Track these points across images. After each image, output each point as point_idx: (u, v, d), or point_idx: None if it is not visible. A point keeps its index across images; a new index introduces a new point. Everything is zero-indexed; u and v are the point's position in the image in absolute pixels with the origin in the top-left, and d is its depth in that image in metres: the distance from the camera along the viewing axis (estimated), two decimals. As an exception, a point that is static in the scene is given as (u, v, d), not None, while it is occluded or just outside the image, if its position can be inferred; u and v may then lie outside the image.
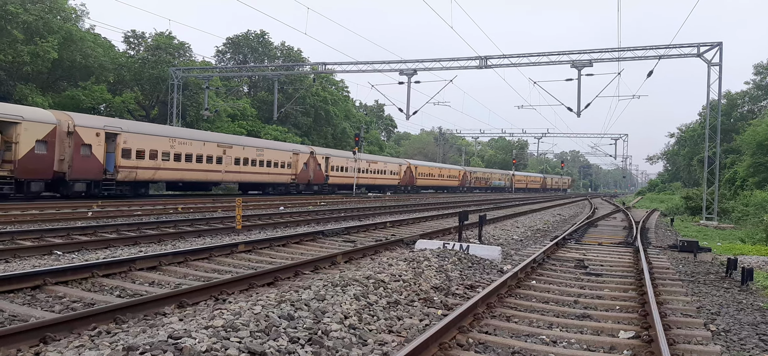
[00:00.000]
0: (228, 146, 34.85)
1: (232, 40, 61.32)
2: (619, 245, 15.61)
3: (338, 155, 49.19)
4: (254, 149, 37.46)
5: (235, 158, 35.44)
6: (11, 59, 34.32)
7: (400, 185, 60.14)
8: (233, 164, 35.24)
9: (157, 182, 32.37)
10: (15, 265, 9.08)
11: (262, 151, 38.21)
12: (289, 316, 5.76)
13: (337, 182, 47.75)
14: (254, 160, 37.27)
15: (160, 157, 29.90)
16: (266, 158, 38.43)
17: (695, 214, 32.28)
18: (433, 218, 22.53)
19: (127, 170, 27.96)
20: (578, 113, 32.48)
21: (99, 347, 4.68)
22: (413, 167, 64.09)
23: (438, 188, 71.90)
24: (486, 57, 33.39)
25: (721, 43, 28.03)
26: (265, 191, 39.49)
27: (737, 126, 51.46)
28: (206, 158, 33.26)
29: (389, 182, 58.06)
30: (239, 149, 35.94)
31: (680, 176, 76.55)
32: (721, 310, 8.14)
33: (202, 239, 13.31)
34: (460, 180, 77.57)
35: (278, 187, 40.59)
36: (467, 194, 71.94)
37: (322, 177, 45.16)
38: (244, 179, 37.02)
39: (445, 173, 73.63)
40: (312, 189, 44.02)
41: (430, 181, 69.21)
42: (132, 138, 28.25)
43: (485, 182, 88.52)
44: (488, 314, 7.06)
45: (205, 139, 33.87)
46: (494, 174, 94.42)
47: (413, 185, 63.37)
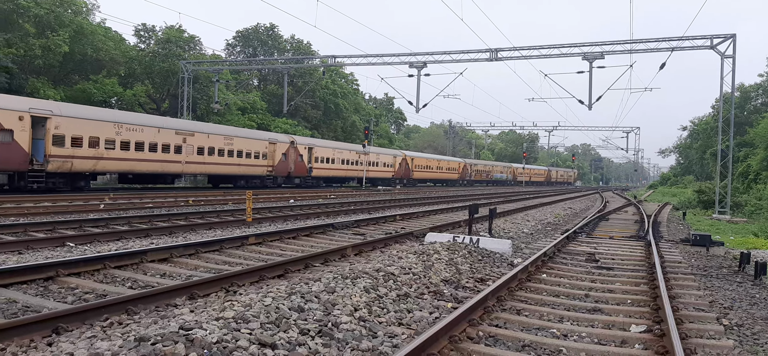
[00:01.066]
0: (188, 134, 31.33)
1: (241, 33, 61.44)
2: (630, 239, 15.51)
3: (323, 145, 45.99)
4: (222, 137, 33.89)
5: (198, 148, 31.92)
6: (23, 53, 34.60)
7: (395, 178, 57.22)
8: (195, 154, 31.70)
9: (100, 173, 29.29)
10: (28, 256, 9.16)
11: (231, 139, 34.52)
12: (299, 308, 5.77)
13: (321, 175, 44.82)
14: (222, 150, 33.67)
15: (102, 145, 26.46)
16: (237, 148, 34.85)
17: (708, 208, 32.02)
18: (443, 212, 22.49)
19: (61, 160, 24.44)
20: (589, 106, 32.28)
21: (111, 338, 4.71)
22: (409, 159, 61.19)
23: (436, 182, 69.53)
24: (496, 49, 33.22)
25: (734, 34, 27.72)
26: (236, 185, 36.18)
27: (751, 119, 50.92)
28: (162, 146, 29.80)
29: (382, 175, 54.72)
30: (203, 137, 32.36)
31: (693, 170, 75.92)
32: (733, 304, 8.07)
33: (212, 232, 13.37)
34: (460, 173, 74.78)
35: (252, 180, 37.10)
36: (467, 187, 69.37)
37: (305, 169, 41.91)
38: (210, 170, 33.61)
39: (443, 166, 70.55)
40: (293, 182, 41.19)
41: (428, 174, 66.51)
42: (66, 123, 24.59)
43: (486, 175, 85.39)
44: (498, 307, 7.04)
45: (160, 125, 30.39)
46: (495, 167, 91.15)
47: (409, 178, 60.68)
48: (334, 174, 46.35)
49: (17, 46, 34.40)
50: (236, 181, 36.24)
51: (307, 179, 42.53)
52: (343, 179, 49.72)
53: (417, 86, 34.90)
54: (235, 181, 36.29)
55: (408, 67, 34.63)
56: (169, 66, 44.73)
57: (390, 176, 56.19)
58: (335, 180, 48.30)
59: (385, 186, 52.46)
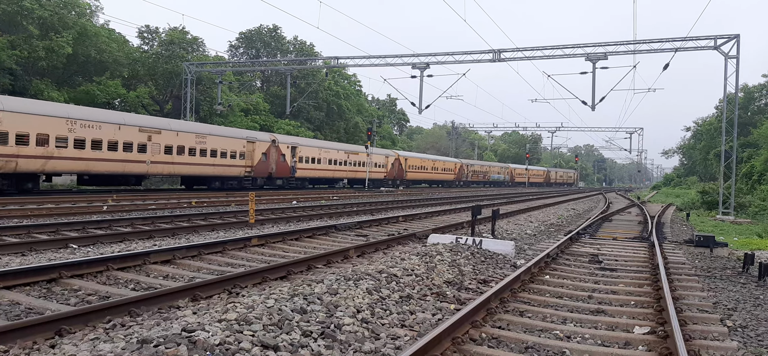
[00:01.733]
0: (154, 131, 28.73)
1: (244, 34, 61.53)
2: (633, 240, 15.47)
3: (308, 144, 42.95)
4: (193, 135, 31.18)
5: (166, 146, 29.42)
6: (27, 55, 34.69)
7: (387, 179, 54.31)
8: (163, 154, 29.21)
9: (51, 174, 26.41)
10: (31, 258, 9.18)
11: (204, 137, 31.85)
12: (302, 310, 5.76)
13: (306, 176, 41.91)
14: (193, 149, 31.07)
15: (52, 143, 24.08)
16: (210, 147, 32.21)
17: (711, 209, 31.91)
18: (445, 213, 22.48)
19: (3, 160, 22.43)
20: (593, 107, 32.21)
21: (114, 340, 4.72)
22: (402, 159, 58.56)
23: (431, 183, 67.34)
24: (499, 50, 33.19)
25: (738, 35, 27.62)
26: (210, 187, 33.65)
27: (754, 120, 50.81)
28: (123, 145, 27.27)
29: (374, 176, 51.67)
30: (170, 135, 29.74)
31: (696, 171, 75.75)
32: (737, 306, 8.03)
33: (215, 233, 13.38)
34: (455, 174, 72.47)
35: (228, 181, 34.51)
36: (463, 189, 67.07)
37: (288, 170, 39.16)
38: (180, 171, 31.09)
39: (439, 166, 68.18)
40: (274, 184, 38.61)
41: (423, 174, 64.05)
42: (10, 118, 22.55)
43: (483, 176, 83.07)
44: (501, 309, 7.02)
45: (121, 121, 27.58)
46: (492, 168, 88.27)
47: (403, 179, 58.08)
48: (321, 175, 43.92)
49: (21, 48, 34.50)
50: (210, 182, 33.72)
51: (290, 180, 40.15)
52: (331, 181, 47.41)
53: (420, 87, 34.88)
54: (209, 182, 33.77)
55: (411, 68, 34.63)
56: (173, 68, 44.82)
57: (382, 176, 53.58)
58: (322, 181, 46.05)
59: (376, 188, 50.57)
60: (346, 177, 48.27)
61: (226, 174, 33.99)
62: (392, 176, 55.53)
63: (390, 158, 55.55)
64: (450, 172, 70.89)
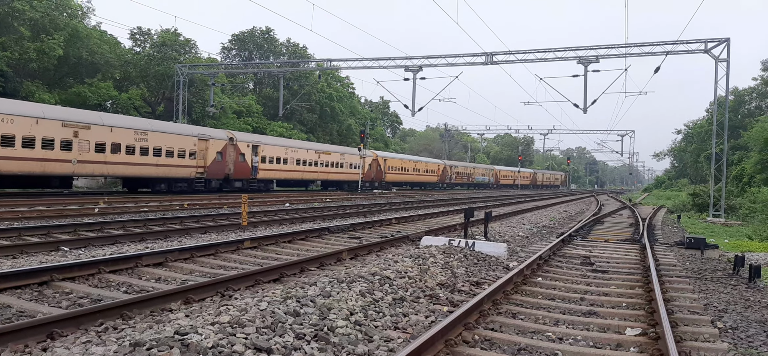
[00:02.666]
0: (82, 126, 25.31)
1: (237, 36, 61.45)
2: (625, 242, 15.55)
3: (273, 143, 39.78)
4: (131, 131, 27.95)
5: (98, 144, 26.19)
6: (18, 56, 34.51)
7: (364, 181, 50.98)
8: (93, 152, 25.92)
9: None
10: (22, 261, 9.12)
11: (144, 134, 28.60)
12: (295, 312, 5.76)
13: (270, 177, 38.93)
14: (132, 146, 27.90)
15: None
16: (153, 145, 29.07)
17: (702, 211, 32.12)
18: (439, 215, 22.52)
19: None
20: (584, 110, 32.37)
21: (106, 343, 4.70)
22: (381, 160, 55.36)
23: (413, 185, 64.33)
24: (492, 53, 33.31)
25: (728, 38, 27.86)
26: (155, 189, 30.33)
27: (745, 122, 51.18)
28: (42, 141, 24.03)
29: (348, 178, 48.97)
30: (102, 131, 26.46)
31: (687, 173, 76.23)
32: (728, 307, 8.10)
33: (208, 236, 13.34)
34: (439, 175, 69.86)
35: (177, 184, 31.11)
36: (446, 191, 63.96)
37: (248, 170, 36.00)
38: (115, 172, 27.89)
39: (421, 168, 65.23)
40: (232, 186, 35.11)
41: (403, 176, 60.94)
42: None
43: (468, 178, 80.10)
44: (494, 311, 7.05)
45: (40, 114, 24.27)
46: (477, 169, 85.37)
47: (381, 181, 54.95)
48: (288, 177, 40.91)
49: (12, 50, 34.32)
50: (154, 185, 30.35)
51: (251, 182, 36.73)
52: (300, 183, 44.34)
53: (413, 90, 34.96)
54: (153, 185, 30.42)
55: (404, 70, 34.71)
56: (165, 69, 44.69)
57: (358, 177, 50.17)
58: (289, 183, 43.29)
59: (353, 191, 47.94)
60: (317, 179, 45.45)
61: (173, 175, 30.67)
62: (369, 177, 52.41)
63: (367, 159, 52.13)
64: (433, 174, 68.53)
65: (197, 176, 32.27)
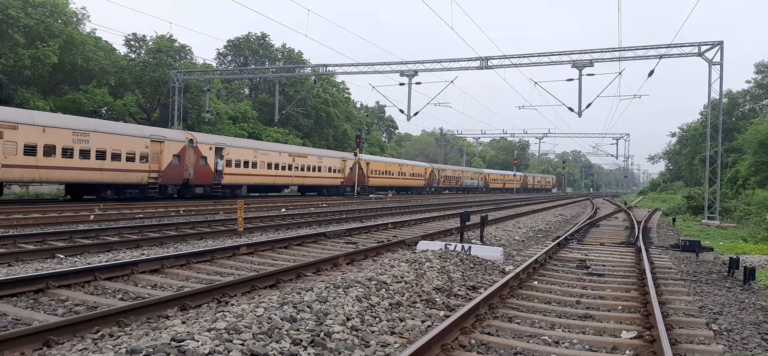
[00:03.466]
0: (7, 126, 22.45)
1: (233, 42, 61.41)
2: (621, 245, 15.60)
3: (240, 145, 36.73)
4: (69, 132, 24.93)
5: (27, 145, 23.14)
6: (12, 63, 34.41)
7: (344, 185, 48.38)
8: (22, 155, 22.99)
9: None
10: (18, 268, 9.10)
11: (85, 135, 25.47)
12: (291, 318, 5.77)
13: (237, 182, 35.86)
14: (70, 149, 24.84)
15: None
16: (96, 147, 26.01)
17: (697, 213, 32.24)
18: (435, 219, 22.55)
19: None
20: (579, 113, 32.47)
21: (102, 350, 4.70)
22: (363, 163, 52.31)
23: (399, 189, 61.45)
24: (487, 57, 33.40)
25: (721, 42, 28.00)
26: (100, 196, 27.32)
27: (739, 125, 51.44)
28: None
29: (328, 182, 46.20)
30: (33, 132, 23.36)
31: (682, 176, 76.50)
32: (723, 310, 8.14)
33: (204, 242, 13.33)
34: (426, 179, 67.27)
35: (127, 190, 28.23)
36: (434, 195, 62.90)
37: (211, 175, 32.91)
38: (50, 177, 24.85)
39: (407, 171, 62.49)
40: (192, 192, 32.09)
41: (388, 180, 58.04)
42: None
43: (456, 181, 77.46)
44: (490, 315, 7.07)
45: None
46: (466, 173, 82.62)
47: (364, 185, 51.93)
48: (258, 181, 37.76)
49: (6, 56, 34.22)
50: (100, 191, 27.37)
51: (215, 187, 33.60)
52: (273, 188, 41.66)
53: (408, 95, 35.00)
54: (98, 191, 27.50)
55: (399, 75, 34.73)
56: (160, 76, 44.62)
57: (339, 182, 47.66)
58: (259, 188, 40.59)
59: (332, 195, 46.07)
60: (292, 183, 42.55)
61: (122, 181, 27.60)
62: (350, 181, 49.10)
63: (347, 162, 49.14)
64: (420, 177, 66.03)
65: (150, 181, 29.18)
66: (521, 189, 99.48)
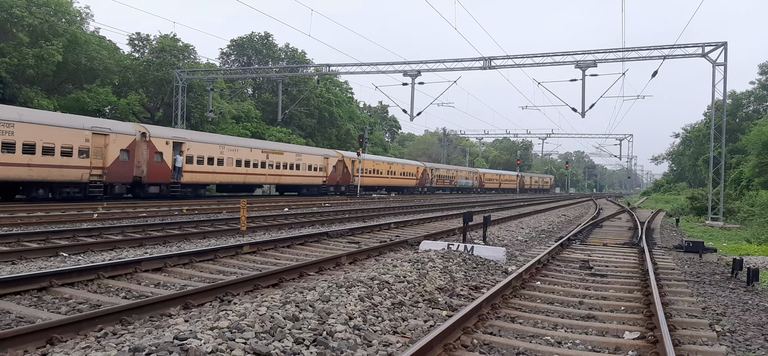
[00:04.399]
0: None
1: (236, 42, 61.51)
2: (624, 246, 15.57)
3: (203, 140, 33.13)
4: None
5: None
6: (16, 62, 34.51)
7: (327, 185, 45.28)
8: None
9: None
10: (21, 267, 9.13)
11: (9, 126, 22.53)
12: (294, 317, 5.77)
13: (199, 181, 32.60)
14: None
15: None
16: (22, 139, 23.01)
17: (701, 214, 32.17)
18: (437, 219, 22.55)
19: None
20: (583, 114, 32.42)
21: (105, 348, 4.71)
22: (349, 161, 48.82)
23: (388, 189, 57.58)
24: (490, 58, 33.37)
25: (725, 43, 27.94)
26: (31, 196, 24.57)
27: (743, 126, 51.28)
28: None
29: (309, 181, 42.95)
30: None
31: (685, 177, 76.34)
32: (726, 311, 8.12)
33: (207, 241, 13.35)
34: (418, 179, 63.97)
35: (63, 189, 25.19)
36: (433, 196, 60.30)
37: (168, 173, 29.91)
38: None
39: (396, 170, 58.88)
40: (146, 192, 29.19)
41: (376, 180, 54.55)
42: None
43: (450, 181, 74.51)
44: (493, 315, 7.06)
45: None
46: (460, 172, 79.45)
47: (349, 185, 48.82)
48: (225, 180, 34.58)
49: (11, 56, 34.32)
50: (30, 190, 24.56)
51: (173, 186, 30.44)
52: (243, 187, 37.90)
53: (411, 95, 34.98)
54: (28, 190, 24.71)
55: (402, 75, 34.74)
56: (164, 75, 44.70)
57: (320, 182, 44.39)
58: (227, 188, 37.21)
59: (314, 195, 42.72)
60: (266, 182, 39.60)
61: (56, 178, 24.68)
62: (334, 181, 46.13)
63: (331, 160, 45.88)
64: (411, 177, 62.95)
65: (93, 179, 26.10)
66: (517, 190, 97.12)
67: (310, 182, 43.20)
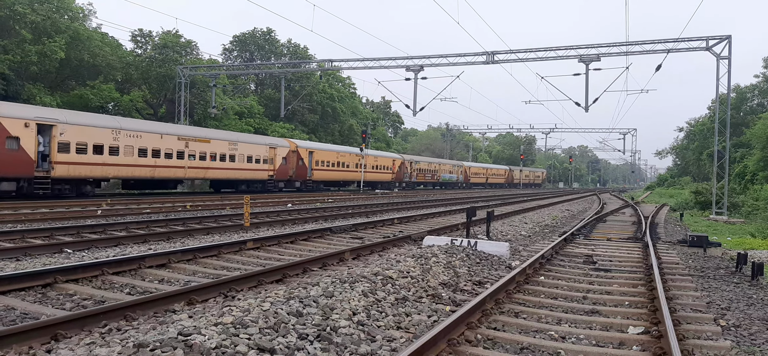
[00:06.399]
0: None
1: (238, 37, 61.49)
2: (628, 241, 15.54)
3: (86, 122, 26.19)
4: None
5: None
6: (19, 59, 34.54)
7: (275, 179, 38.62)
8: None
9: None
10: (26, 263, 9.15)
11: None
12: (297, 313, 5.77)
13: (83, 175, 25.69)
14: None
15: None
16: None
17: (705, 209, 32.08)
18: (441, 215, 22.56)
19: None
20: (586, 108, 32.31)
21: (110, 344, 4.71)
22: (304, 152, 41.85)
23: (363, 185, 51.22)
24: (493, 52, 33.28)
25: (730, 36, 27.80)
26: None
27: (747, 120, 51.04)
28: None
29: (248, 175, 36.34)
30: None
31: (689, 171, 76.04)
32: (731, 305, 8.09)
33: (210, 237, 13.36)
34: (395, 173, 57.43)
35: None
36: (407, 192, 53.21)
37: (28, 164, 22.99)
38: None
39: (368, 163, 52.00)
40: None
41: (341, 174, 47.70)
42: None
43: (432, 175, 67.88)
44: (497, 310, 7.05)
45: None
46: (443, 166, 72.48)
47: (306, 179, 42.38)
48: (122, 174, 27.95)
49: (13, 53, 34.35)
50: None
51: (39, 181, 23.75)
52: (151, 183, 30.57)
53: (414, 90, 34.92)
54: None
55: (405, 70, 34.67)
56: (166, 71, 44.72)
57: (266, 176, 37.85)
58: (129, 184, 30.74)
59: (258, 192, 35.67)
60: (187, 177, 32.62)
61: None
62: (284, 175, 39.78)
63: (279, 151, 38.97)
64: (386, 170, 55.82)
65: None
66: (506, 184, 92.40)
67: (251, 177, 36.54)
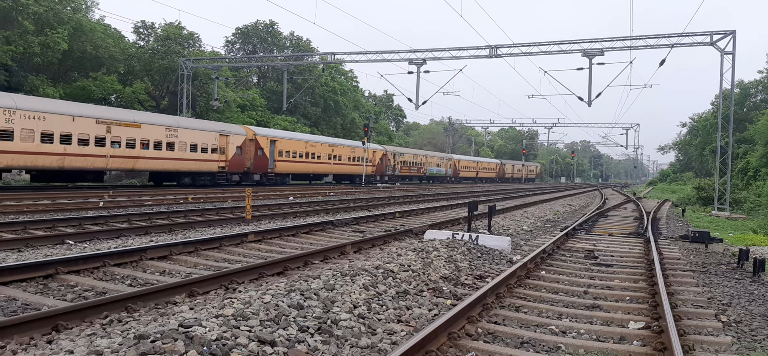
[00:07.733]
0: None
1: (241, 30, 61.42)
2: (629, 236, 15.52)
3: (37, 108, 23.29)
4: None
5: None
6: (22, 50, 34.54)
7: (228, 171, 33.65)
8: None
9: None
10: (27, 254, 9.17)
11: None
12: (298, 305, 5.78)
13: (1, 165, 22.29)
14: None
15: None
16: None
17: (707, 204, 32.02)
18: (443, 209, 22.54)
19: None
20: (589, 103, 32.24)
21: (111, 335, 4.72)
22: (265, 142, 36.85)
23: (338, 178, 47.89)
24: (496, 46, 33.19)
25: (734, 31, 27.68)
26: None
27: (750, 116, 50.86)
28: None
29: (193, 167, 31.12)
30: None
31: (692, 166, 75.88)
32: (732, 301, 8.08)
33: (212, 229, 13.38)
34: (376, 166, 52.51)
35: None
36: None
37: None
38: None
39: (342, 154, 46.56)
40: None
41: (310, 166, 42.47)
42: None
43: (418, 169, 62.95)
44: (497, 304, 7.05)
45: None
46: (431, 158, 67.23)
47: (267, 172, 37.38)
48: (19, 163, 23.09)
49: (16, 44, 34.34)
50: None
51: None
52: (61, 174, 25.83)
53: (416, 83, 34.86)
54: None
55: (407, 64, 34.58)
56: (169, 63, 44.69)
57: (216, 168, 32.66)
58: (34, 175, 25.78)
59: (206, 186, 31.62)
60: (110, 167, 27.40)
61: None
62: (239, 167, 34.74)
63: (232, 138, 33.93)
64: (366, 163, 49.98)
65: None
66: (497, 179, 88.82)
67: (196, 168, 31.38)
